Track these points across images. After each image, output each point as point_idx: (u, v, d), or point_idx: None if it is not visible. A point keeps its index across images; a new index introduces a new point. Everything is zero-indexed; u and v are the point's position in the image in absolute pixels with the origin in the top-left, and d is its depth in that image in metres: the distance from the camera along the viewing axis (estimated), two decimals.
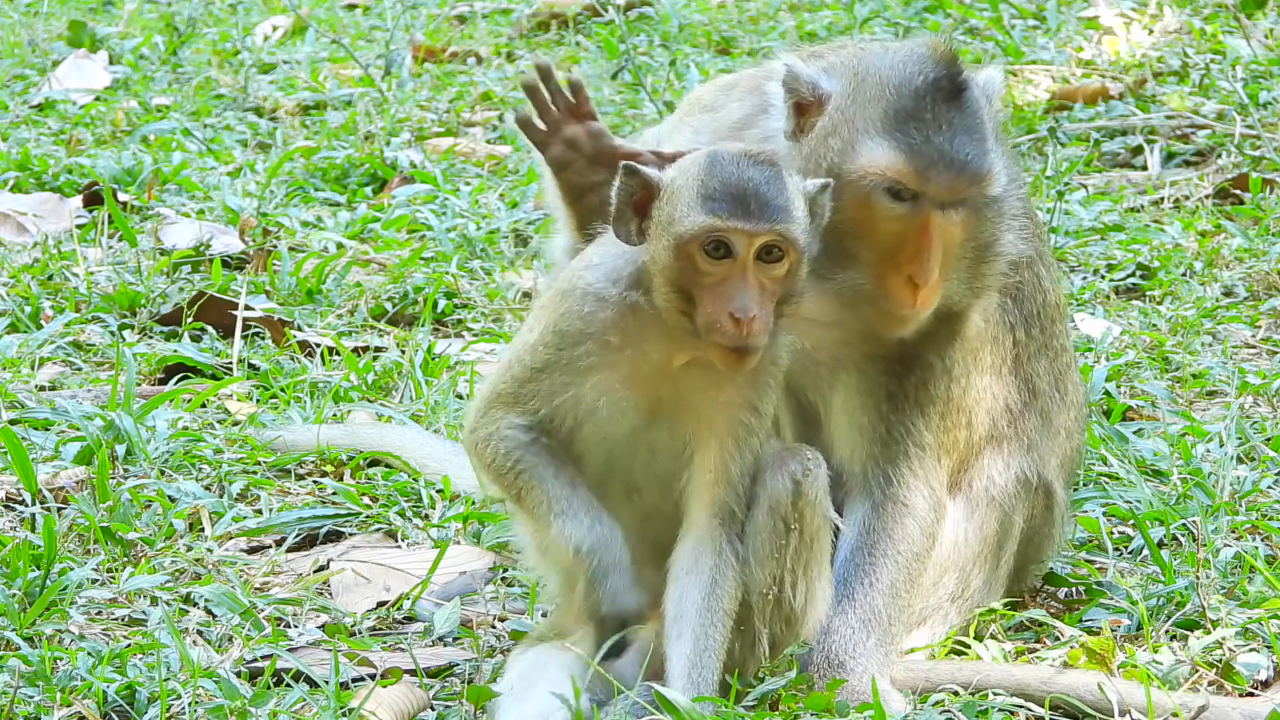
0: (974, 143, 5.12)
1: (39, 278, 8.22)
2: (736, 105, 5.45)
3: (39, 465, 6.38)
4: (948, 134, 5.11)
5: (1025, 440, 5.55)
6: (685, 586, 4.93)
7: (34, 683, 5.04)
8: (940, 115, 5.12)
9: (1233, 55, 10.82)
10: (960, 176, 5.10)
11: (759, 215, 4.77)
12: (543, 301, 5.08)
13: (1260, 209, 9.05)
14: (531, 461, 4.94)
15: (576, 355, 4.91)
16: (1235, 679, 5.20)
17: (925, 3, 12.42)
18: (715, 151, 4.87)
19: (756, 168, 4.81)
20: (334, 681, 4.98)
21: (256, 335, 7.76)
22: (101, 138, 10.70)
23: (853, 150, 5.12)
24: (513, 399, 4.97)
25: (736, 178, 4.79)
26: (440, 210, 9.26)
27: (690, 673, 4.86)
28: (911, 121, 5.11)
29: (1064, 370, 5.69)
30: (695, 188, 4.80)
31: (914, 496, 5.30)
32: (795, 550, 4.96)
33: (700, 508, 4.95)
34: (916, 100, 5.12)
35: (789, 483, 4.94)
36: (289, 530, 6.17)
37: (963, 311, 5.32)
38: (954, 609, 5.44)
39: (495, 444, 4.96)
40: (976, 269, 5.26)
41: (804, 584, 5.00)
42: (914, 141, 5.09)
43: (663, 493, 4.99)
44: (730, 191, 4.78)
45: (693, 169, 4.85)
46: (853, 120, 5.15)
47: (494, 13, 13.57)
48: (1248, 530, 6.07)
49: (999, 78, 5.34)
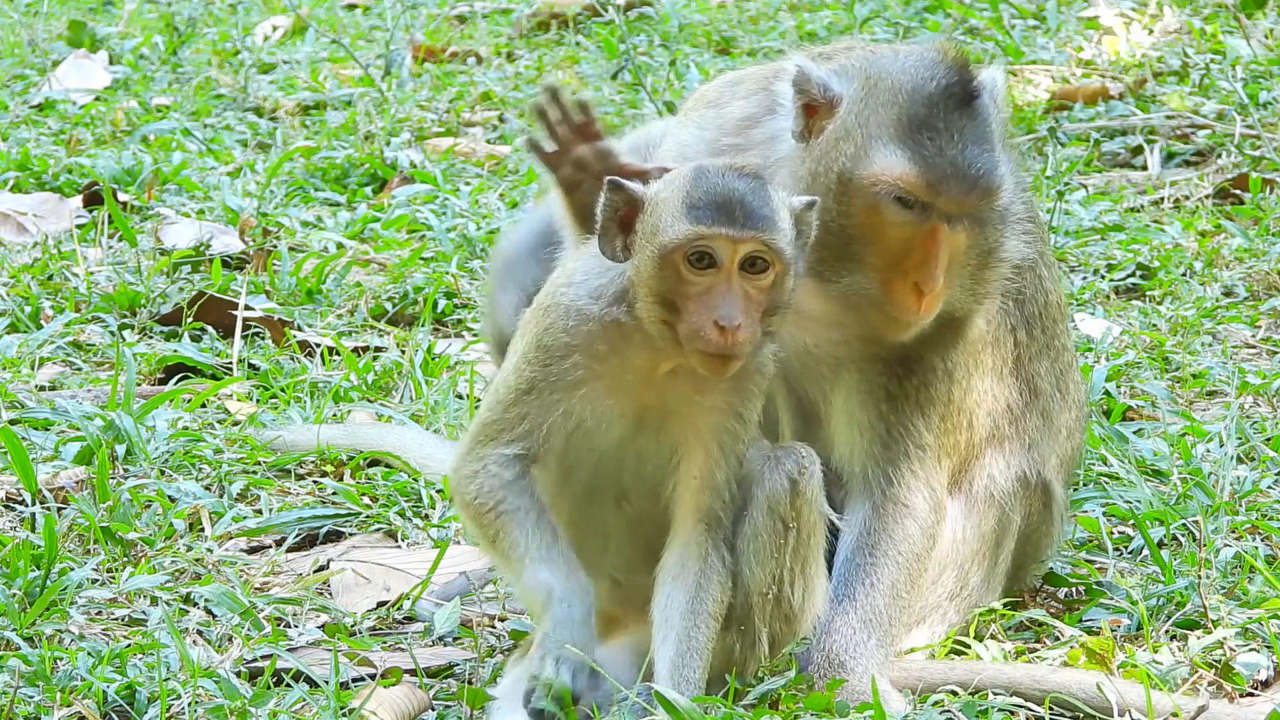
0: (985, 154, 5.12)
1: (39, 278, 8.22)
2: (742, 103, 5.45)
3: (39, 465, 6.38)
4: (960, 145, 5.10)
5: (1027, 440, 5.55)
6: (671, 591, 4.94)
7: (34, 683, 5.04)
8: (953, 124, 5.11)
9: (1233, 55, 10.83)
10: (972, 191, 5.10)
11: (743, 223, 4.76)
12: (524, 319, 5.06)
13: (1260, 209, 9.05)
14: (514, 504, 4.89)
15: (564, 369, 4.89)
16: (1235, 679, 5.20)
17: (925, 3, 12.42)
18: (701, 165, 4.87)
19: (742, 179, 4.81)
20: (334, 681, 4.98)
21: (256, 335, 7.76)
22: (101, 138, 10.70)
23: (865, 156, 5.11)
24: (499, 428, 4.93)
25: (721, 188, 4.79)
26: (440, 210, 9.26)
27: (673, 674, 4.87)
28: (925, 130, 5.10)
29: (1065, 370, 5.69)
30: (680, 198, 4.80)
31: (914, 497, 5.31)
32: (794, 549, 4.98)
33: (686, 514, 4.95)
34: (930, 107, 5.11)
35: (786, 482, 4.95)
36: (289, 530, 6.18)
37: (965, 316, 5.32)
38: (952, 607, 5.44)
39: (480, 481, 4.91)
40: (980, 275, 5.26)
41: (802, 581, 5.01)
42: (927, 152, 5.09)
43: (652, 499, 5.00)
44: (715, 201, 4.78)
45: (677, 181, 4.85)
46: (866, 125, 5.14)
47: (494, 13, 13.57)
48: (1248, 530, 6.07)
49: (1001, 78, 5.33)
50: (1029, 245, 5.44)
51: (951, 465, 5.41)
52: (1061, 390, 5.67)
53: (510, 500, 4.89)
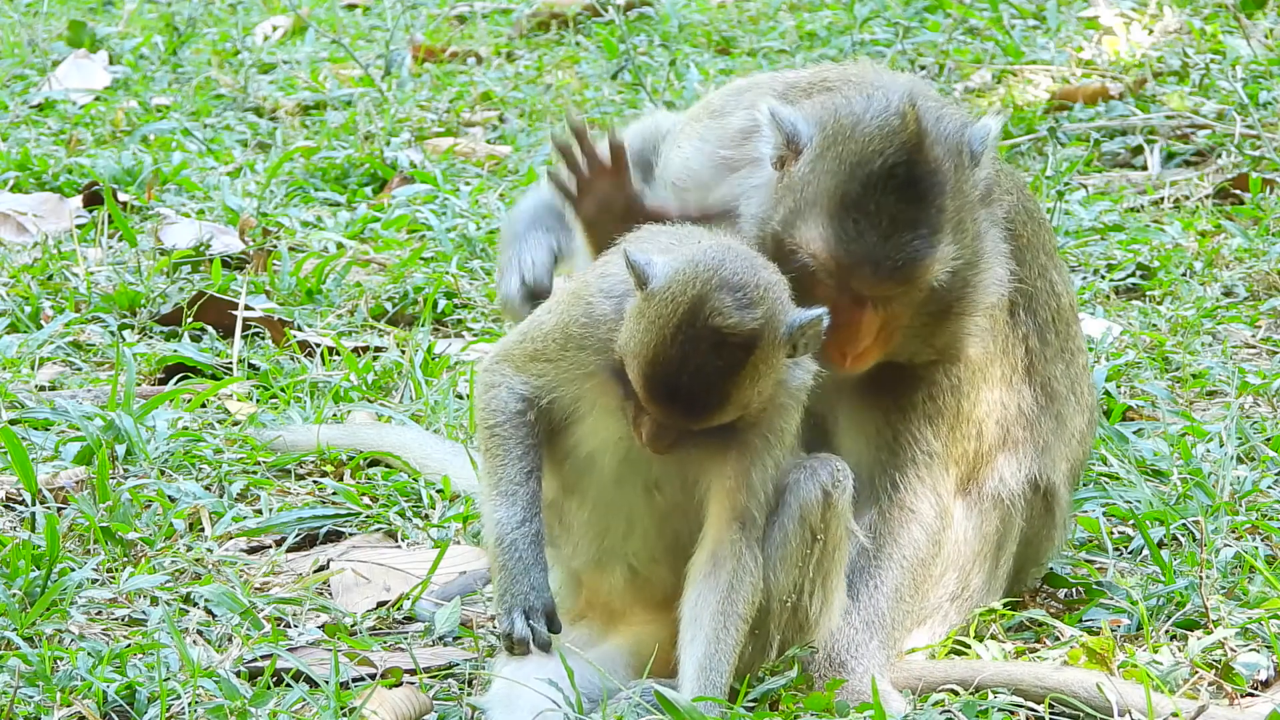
0: (911, 241, 5.03)
1: (39, 278, 8.22)
2: (744, 113, 5.43)
3: (39, 465, 6.38)
4: (885, 231, 5.02)
5: (1040, 443, 5.55)
6: (702, 590, 4.92)
7: (34, 683, 5.04)
8: (885, 208, 5.02)
9: (1233, 55, 10.83)
10: (886, 280, 5.04)
11: (686, 414, 4.77)
12: (566, 290, 5.10)
13: (1260, 209, 9.05)
14: (508, 433, 4.98)
15: (581, 359, 4.93)
16: (1235, 679, 5.20)
17: (925, 3, 12.42)
18: (662, 339, 4.73)
19: (695, 374, 4.72)
20: (334, 681, 4.98)
21: (256, 335, 7.76)
22: (101, 138, 10.70)
23: (796, 221, 5.08)
24: (519, 364, 5.01)
25: (673, 379, 4.73)
26: (440, 210, 9.26)
27: (700, 675, 4.85)
28: (853, 211, 5.02)
29: (1080, 373, 5.68)
30: (639, 360, 4.75)
31: (920, 503, 5.31)
32: (818, 560, 4.97)
33: (720, 513, 4.93)
34: (865, 188, 5.03)
35: (820, 493, 4.94)
36: (289, 530, 6.18)
37: (944, 357, 5.30)
38: (953, 608, 5.45)
39: (491, 395, 5.01)
40: (939, 328, 5.23)
41: (821, 593, 5.01)
42: (848, 235, 5.02)
43: (684, 492, 4.99)
44: (666, 388, 4.75)
45: (642, 334, 4.75)
46: (807, 187, 5.10)
47: (494, 13, 13.57)
48: (1248, 530, 6.07)
49: (994, 130, 5.22)
50: (1013, 274, 5.39)
51: (960, 473, 5.41)
52: (1076, 394, 5.66)
53: (506, 428, 4.98)
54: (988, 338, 5.39)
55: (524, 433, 4.99)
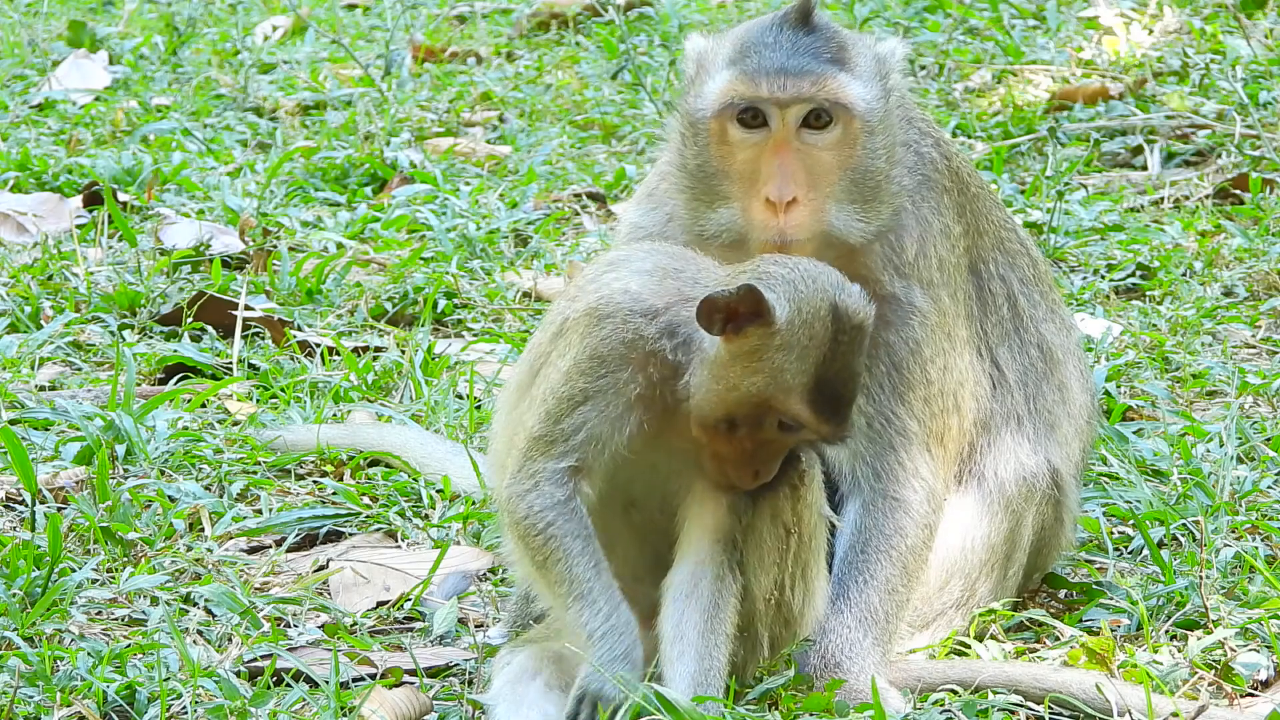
0: (814, 56, 5.15)
1: (39, 278, 8.22)
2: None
3: (39, 465, 6.38)
4: (786, 49, 5.16)
5: (1045, 417, 5.50)
6: (685, 609, 4.88)
7: (34, 683, 5.04)
8: (783, 39, 5.18)
9: (1233, 55, 10.82)
10: (793, 77, 5.12)
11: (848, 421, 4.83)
12: (564, 316, 4.95)
13: (1260, 209, 9.05)
14: (563, 529, 4.77)
15: (621, 380, 4.80)
16: (1235, 679, 5.20)
17: (925, 3, 12.42)
18: (822, 358, 4.74)
19: (852, 376, 4.77)
20: (334, 681, 4.98)
21: (256, 335, 7.76)
22: (101, 138, 10.71)
23: (703, 91, 5.21)
24: (550, 441, 4.81)
25: (840, 389, 4.76)
26: (440, 210, 9.26)
27: (695, 691, 4.82)
28: (754, 48, 5.19)
29: (1069, 330, 5.65)
30: (803, 396, 4.76)
31: (904, 490, 5.25)
32: (795, 553, 4.96)
33: (701, 530, 4.90)
34: (761, 31, 5.21)
35: (787, 489, 4.93)
36: (289, 530, 6.18)
37: (902, 294, 5.27)
38: (959, 615, 5.41)
39: (531, 499, 4.79)
40: (867, 202, 5.21)
41: (803, 585, 5.00)
42: (750, 61, 5.17)
43: (662, 509, 4.97)
44: (836, 403, 4.78)
45: (788, 376, 4.75)
46: (708, 67, 5.26)
47: (494, 13, 13.57)
48: (1248, 530, 6.07)
49: (900, 50, 5.32)
50: (911, 177, 5.36)
51: (945, 452, 5.35)
52: (1078, 360, 5.63)
53: (559, 524, 4.78)
54: (951, 289, 5.36)
55: (577, 521, 4.78)
